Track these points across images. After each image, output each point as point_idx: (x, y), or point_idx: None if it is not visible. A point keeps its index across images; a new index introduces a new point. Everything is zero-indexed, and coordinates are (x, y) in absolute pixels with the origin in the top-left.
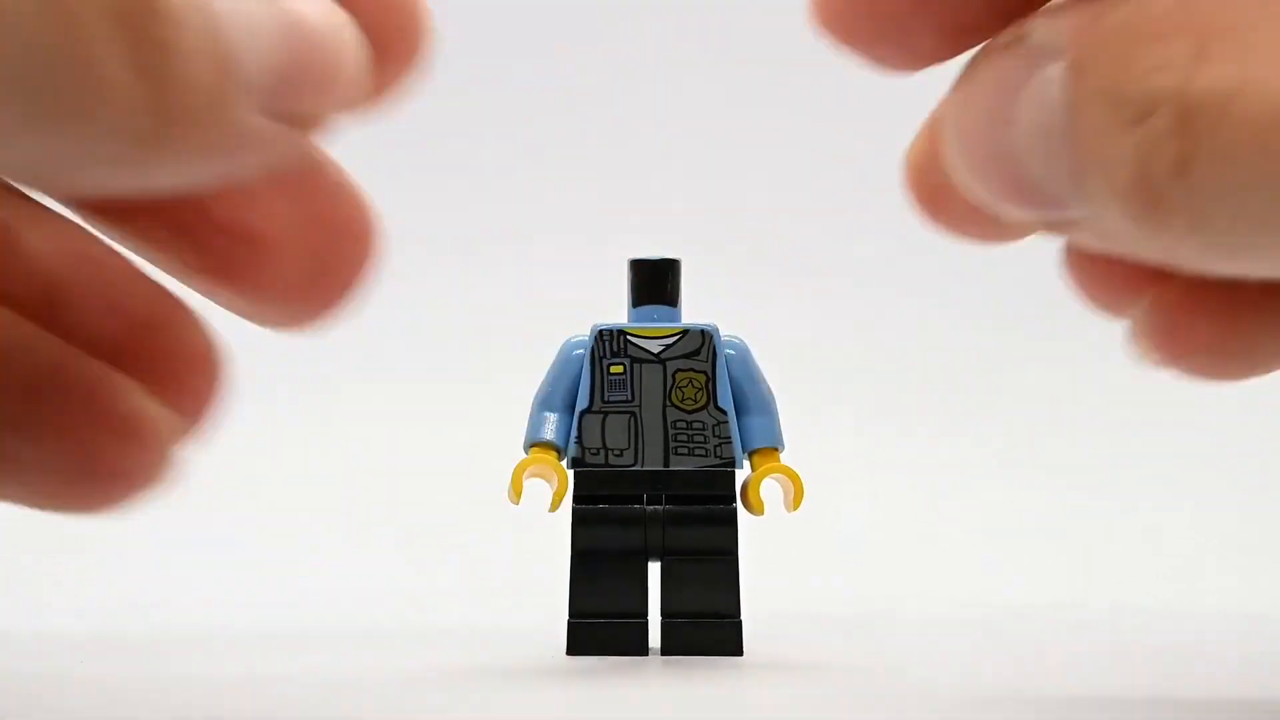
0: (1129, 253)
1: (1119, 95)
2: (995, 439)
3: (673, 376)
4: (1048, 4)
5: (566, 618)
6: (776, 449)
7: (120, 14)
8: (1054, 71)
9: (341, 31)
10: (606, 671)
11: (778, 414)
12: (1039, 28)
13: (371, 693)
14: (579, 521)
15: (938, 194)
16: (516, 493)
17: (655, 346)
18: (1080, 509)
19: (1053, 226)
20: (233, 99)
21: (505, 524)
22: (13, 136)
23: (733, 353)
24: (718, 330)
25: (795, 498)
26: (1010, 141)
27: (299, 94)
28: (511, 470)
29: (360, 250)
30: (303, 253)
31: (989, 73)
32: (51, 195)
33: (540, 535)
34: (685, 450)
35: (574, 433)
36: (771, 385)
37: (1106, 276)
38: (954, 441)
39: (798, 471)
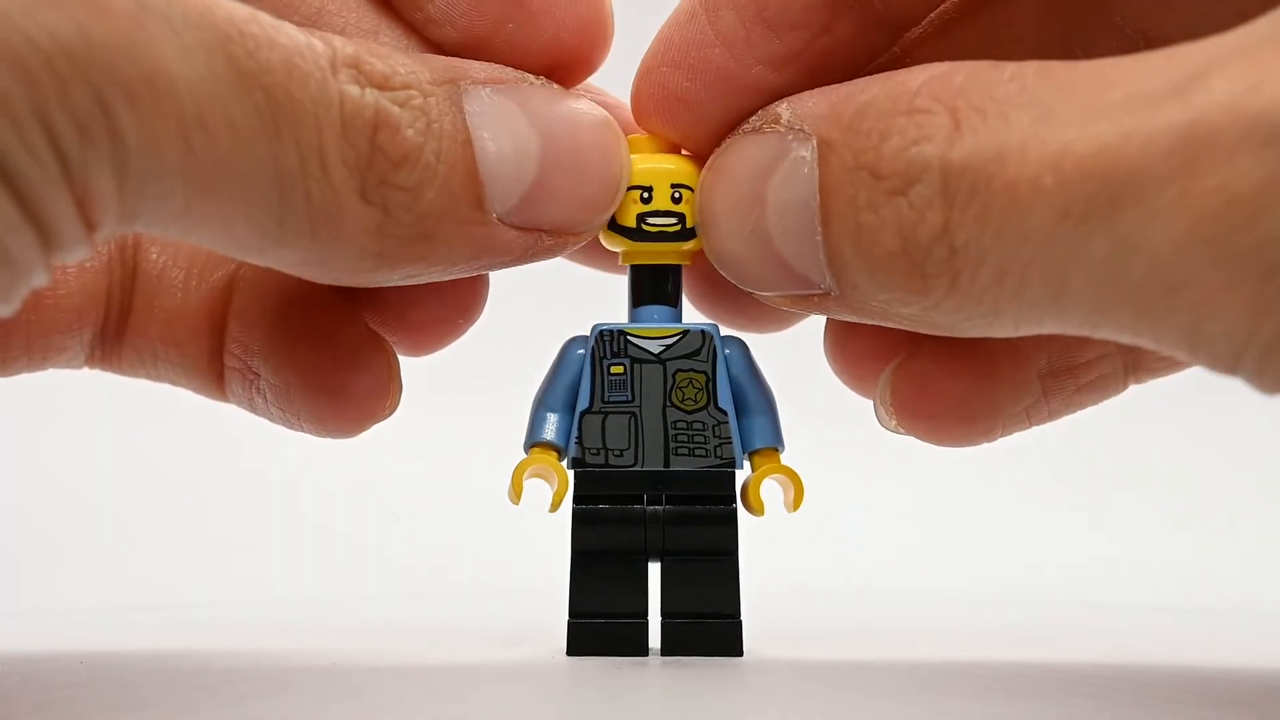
0: (879, 321)
1: (878, 168)
2: (999, 441)
3: (673, 377)
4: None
5: (566, 618)
6: (777, 449)
7: (358, 160)
8: (804, 151)
9: (606, 159)
10: (606, 672)
11: (778, 414)
12: (787, 110)
13: (371, 691)
14: (579, 522)
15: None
16: (516, 493)
17: (655, 347)
18: (1081, 506)
19: (803, 304)
20: (468, 220)
21: (505, 524)
22: (274, 248)
23: (733, 353)
24: (718, 330)
25: (796, 498)
26: (763, 221)
27: (549, 210)
28: (511, 471)
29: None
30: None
31: (740, 155)
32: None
33: (540, 535)
34: (685, 450)
35: (574, 433)
36: (772, 385)
37: (862, 351)
38: None
39: (798, 472)
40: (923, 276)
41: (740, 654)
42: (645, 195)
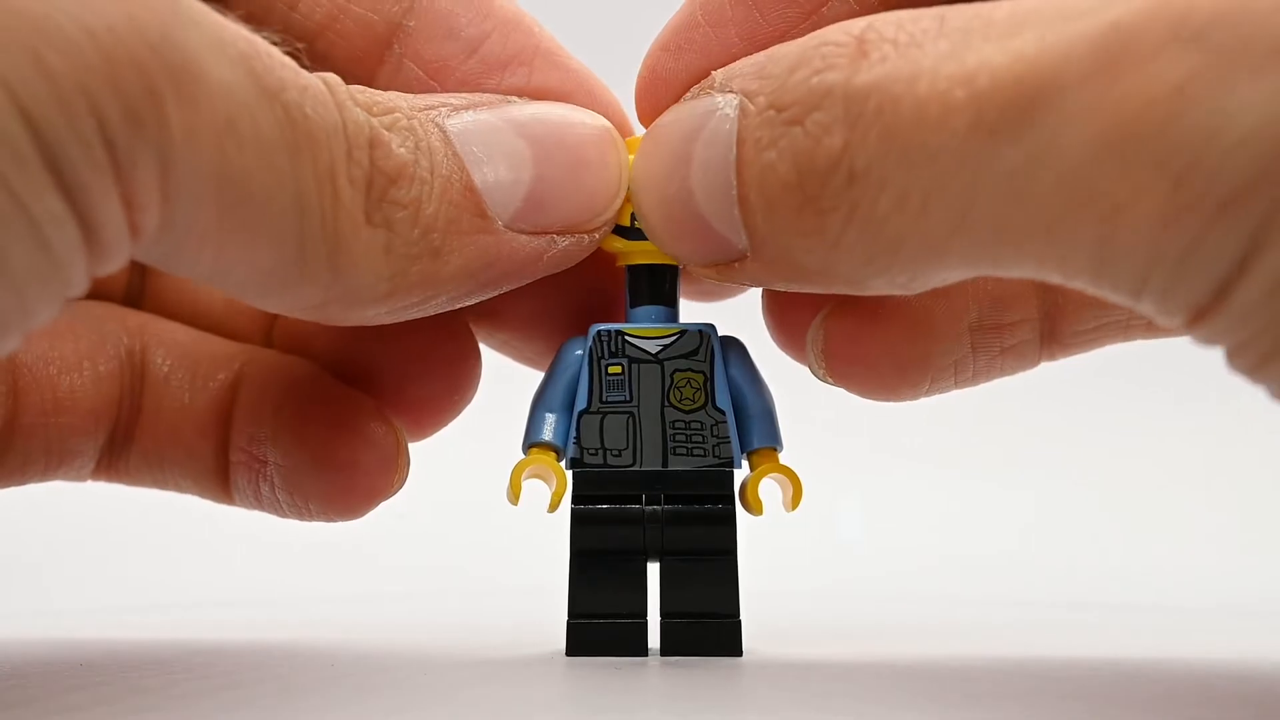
0: (792, 282)
1: (781, 101)
2: (994, 439)
3: (671, 377)
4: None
5: (566, 618)
6: (775, 449)
7: (363, 178)
8: (728, 108)
9: (599, 150)
10: (606, 672)
11: (776, 414)
12: (721, 74)
13: (371, 692)
14: (578, 522)
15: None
16: (515, 493)
17: (653, 347)
18: (1075, 508)
19: (726, 273)
20: (474, 229)
21: (504, 525)
22: (297, 281)
23: (731, 353)
24: (715, 330)
25: (794, 497)
26: (686, 181)
27: (555, 209)
28: (510, 471)
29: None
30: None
31: (673, 120)
32: (343, 325)
33: (539, 536)
34: (684, 450)
35: (572, 433)
36: (770, 385)
37: (797, 312)
38: (952, 441)
39: (796, 471)
40: (818, 212)
41: (740, 654)
42: None
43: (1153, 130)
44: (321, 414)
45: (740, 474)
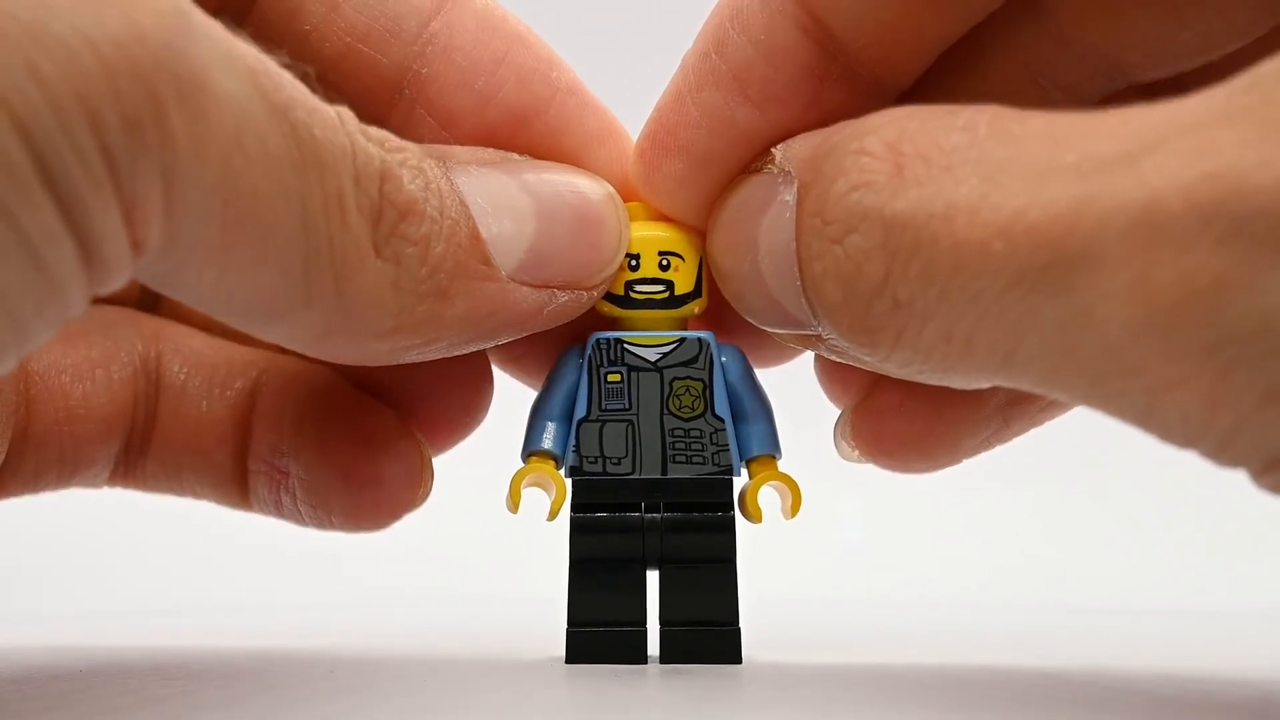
0: (858, 365)
1: (824, 213)
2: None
3: (670, 384)
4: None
5: (565, 626)
6: (774, 456)
7: (371, 208)
8: (788, 195)
9: (600, 209)
10: (605, 680)
11: (775, 421)
12: (780, 151)
13: (370, 699)
14: (577, 530)
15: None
16: (515, 501)
17: (652, 355)
18: (1076, 513)
19: (804, 343)
20: (480, 275)
21: (503, 533)
22: (301, 307)
23: (729, 360)
24: (714, 338)
25: (793, 505)
26: (756, 264)
27: (557, 264)
28: (510, 479)
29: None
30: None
31: (737, 196)
32: (345, 362)
33: (539, 544)
34: (683, 458)
35: (572, 441)
36: (768, 392)
37: (846, 378)
38: None
39: (795, 479)
40: (866, 330)
41: (739, 661)
42: (633, 263)
43: (1194, 321)
44: (344, 427)
45: (739, 482)
